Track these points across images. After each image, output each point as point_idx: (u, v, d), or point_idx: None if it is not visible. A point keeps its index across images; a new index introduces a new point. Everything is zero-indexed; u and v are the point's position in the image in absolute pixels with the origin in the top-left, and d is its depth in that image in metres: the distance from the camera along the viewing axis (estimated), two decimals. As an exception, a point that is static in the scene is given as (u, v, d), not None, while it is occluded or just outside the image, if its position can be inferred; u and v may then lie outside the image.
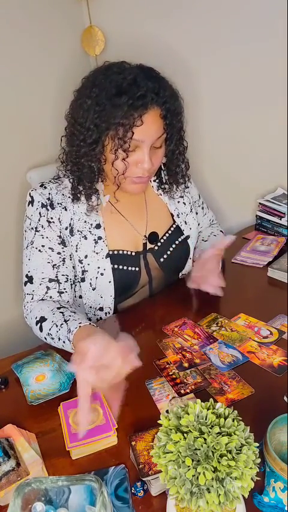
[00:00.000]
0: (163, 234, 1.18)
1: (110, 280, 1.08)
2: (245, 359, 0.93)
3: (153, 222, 1.17)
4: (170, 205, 1.20)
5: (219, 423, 0.56)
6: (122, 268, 1.10)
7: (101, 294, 1.09)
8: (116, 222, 1.12)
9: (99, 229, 1.08)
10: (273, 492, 0.64)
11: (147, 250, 1.15)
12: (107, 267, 1.07)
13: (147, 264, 1.15)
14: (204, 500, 0.51)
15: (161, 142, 1.02)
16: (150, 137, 0.97)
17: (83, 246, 1.06)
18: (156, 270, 1.17)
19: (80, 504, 0.58)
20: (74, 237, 1.06)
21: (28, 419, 0.83)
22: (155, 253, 1.16)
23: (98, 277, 1.07)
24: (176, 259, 1.19)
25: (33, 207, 1.05)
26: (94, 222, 1.07)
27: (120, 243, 1.11)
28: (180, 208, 1.22)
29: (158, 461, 0.55)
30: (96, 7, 1.54)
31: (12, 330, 1.46)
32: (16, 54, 1.35)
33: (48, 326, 0.95)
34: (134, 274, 1.12)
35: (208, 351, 0.96)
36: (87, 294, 1.09)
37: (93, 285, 1.08)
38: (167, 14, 1.45)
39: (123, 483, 0.69)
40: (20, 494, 0.56)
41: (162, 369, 0.92)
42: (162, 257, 1.17)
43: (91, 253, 1.07)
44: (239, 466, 0.52)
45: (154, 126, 0.97)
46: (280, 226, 1.41)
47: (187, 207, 1.24)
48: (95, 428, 0.76)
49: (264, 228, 1.47)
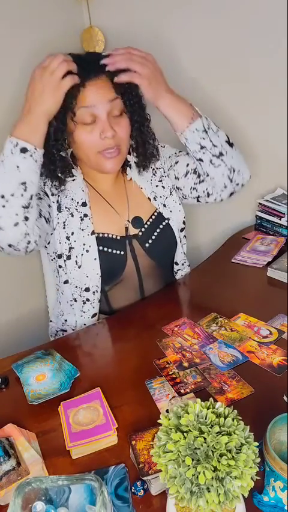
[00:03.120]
0: (147, 220, 1.18)
1: (95, 258, 1.08)
2: (245, 358, 0.93)
3: (135, 207, 1.17)
4: (146, 189, 1.19)
5: (219, 422, 0.56)
6: (107, 251, 1.11)
7: (87, 272, 1.09)
8: (101, 207, 1.13)
9: (85, 207, 1.10)
10: (273, 491, 0.64)
11: (132, 235, 1.15)
12: (92, 244, 1.08)
13: (133, 249, 1.15)
14: (204, 499, 0.51)
15: (119, 109, 1.02)
16: (100, 100, 0.99)
17: (70, 223, 1.08)
18: (143, 256, 1.16)
19: (80, 503, 0.58)
20: (62, 213, 1.08)
21: (28, 419, 0.83)
22: (140, 238, 1.16)
23: (84, 254, 1.08)
24: (162, 245, 1.19)
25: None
26: (80, 200, 1.10)
27: (106, 226, 1.12)
28: (159, 191, 1.20)
29: (158, 460, 0.55)
30: (96, 7, 1.54)
31: (12, 330, 1.46)
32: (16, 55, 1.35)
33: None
34: (120, 257, 1.13)
35: (208, 350, 0.96)
36: (73, 273, 1.10)
37: (79, 262, 1.08)
38: (167, 14, 1.45)
39: (123, 482, 0.69)
40: (20, 494, 0.56)
41: (162, 369, 0.92)
42: (147, 242, 1.16)
43: (77, 230, 1.08)
44: (239, 465, 0.52)
45: (103, 90, 0.99)
46: (280, 226, 1.41)
47: (166, 190, 1.21)
48: (95, 427, 0.77)
49: (264, 228, 1.47)
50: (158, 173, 1.21)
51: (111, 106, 1.00)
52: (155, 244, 1.17)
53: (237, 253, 1.34)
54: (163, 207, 1.20)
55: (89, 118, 0.99)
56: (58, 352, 0.98)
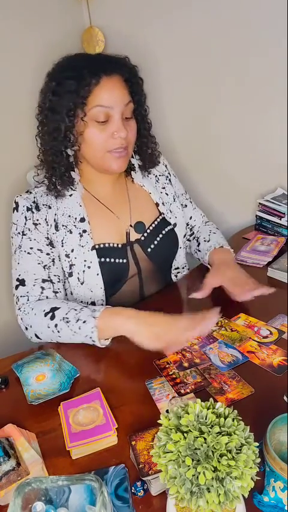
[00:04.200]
0: (150, 224, 1.18)
1: (98, 273, 1.08)
2: (245, 358, 0.93)
3: (138, 211, 1.17)
4: (154, 195, 1.20)
5: (219, 423, 0.56)
6: (109, 261, 1.10)
7: (90, 288, 1.09)
8: (100, 214, 1.12)
9: (83, 222, 1.08)
10: (273, 492, 0.64)
11: (134, 241, 1.15)
12: (94, 260, 1.07)
13: (134, 255, 1.14)
14: (204, 499, 0.51)
15: (131, 113, 1.05)
16: (116, 102, 1.00)
17: (68, 241, 1.07)
18: (144, 260, 1.16)
19: (80, 504, 0.58)
20: (59, 231, 1.07)
21: (28, 419, 0.83)
22: (142, 243, 1.16)
23: (86, 270, 1.07)
24: (164, 249, 1.19)
25: (19, 212, 1.06)
26: (78, 216, 1.08)
27: (106, 235, 1.11)
28: (164, 197, 1.23)
29: (158, 460, 0.55)
30: (96, 7, 1.54)
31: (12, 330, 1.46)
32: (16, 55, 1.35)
33: (64, 311, 0.97)
34: (122, 266, 1.12)
35: (208, 350, 0.96)
36: (76, 290, 1.09)
37: (81, 279, 1.08)
38: (167, 14, 1.45)
39: (123, 483, 0.69)
40: (20, 494, 0.56)
41: (162, 369, 0.92)
42: (149, 247, 1.16)
43: (77, 247, 1.07)
44: (239, 465, 0.52)
45: (119, 91, 1.00)
46: (280, 226, 1.41)
47: (170, 197, 1.24)
48: (95, 427, 0.77)
49: (264, 228, 1.47)
50: (160, 180, 1.24)
51: (126, 108, 1.02)
52: (157, 249, 1.18)
53: (238, 253, 1.34)
54: (170, 212, 1.21)
55: (103, 117, 1.00)
56: (58, 352, 0.98)
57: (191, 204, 1.35)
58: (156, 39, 1.49)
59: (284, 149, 1.43)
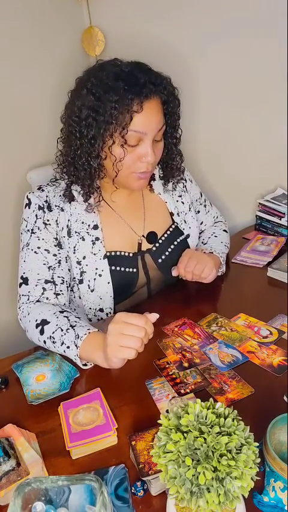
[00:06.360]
0: (162, 234, 1.18)
1: (109, 281, 1.08)
2: (245, 358, 0.93)
3: (151, 221, 1.17)
4: (170, 204, 1.20)
5: (219, 423, 0.56)
6: (119, 270, 1.09)
7: (100, 295, 1.09)
8: (114, 222, 1.11)
9: (96, 230, 1.07)
10: (273, 492, 0.64)
11: (145, 251, 1.15)
12: (105, 268, 1.07)
13: (145, 265, 1.14)
14: (204, 499, 0.51)
15: (161, 135, 1.02)
16: (152, 129, 0.97)
17: (81, 248, 1.06)
18: (154, 270, 1.17)
19: (80, 504, 0.58)
20: (72, 238, 1.05)
21: (28, 419, 0.83)
22: (153, 253, 1.16)
23: (97, 278, 1.07)
24: (175, 260, 1.18)
25: (30, 209, 1.05)
26: (92, 223, 1.07)
27: (118, 244, 1.10)
28: (179, 207, 1.22)
29: (158, 460, 0.55)
30: (96, 7, 1.54)
31: (12, 330, 1.46)
32: (16, 55, 1.35)
33: (52, 329, 0.94)
34: (132, 275, 1.12)
35: (208, 351, 0.96)
36: (86, 296, 1.09)
37: (92, 286, 1.08)
38: (167, 14, 1.45)
39: (123, 483, 0.69)
40: (20, 494, 0.56)
41: (162, 369, 0.92)
42: (160, 258, 1.16)
43: (89, 254, 1.07)
44: (239, 465, 0.52)
45: (156, 117, 0.97)
46: (280, 226, 1.41)
47: (185, 206, 1.23)
48: (95, 427, 0.77)
49: (264, 228, 1.47)
50: (177, 188, 1.23)
51: (158, 133, 0.99)
52: (168, 258, 1.17)
53: (238, 253, 1.34)
54: (184, 223, 1.21)
55: (134, 141, 0.96)
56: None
57: (204, 208, 1.33)
58: (156, 39, 1.49)
59: (284, 149, 1.43)
